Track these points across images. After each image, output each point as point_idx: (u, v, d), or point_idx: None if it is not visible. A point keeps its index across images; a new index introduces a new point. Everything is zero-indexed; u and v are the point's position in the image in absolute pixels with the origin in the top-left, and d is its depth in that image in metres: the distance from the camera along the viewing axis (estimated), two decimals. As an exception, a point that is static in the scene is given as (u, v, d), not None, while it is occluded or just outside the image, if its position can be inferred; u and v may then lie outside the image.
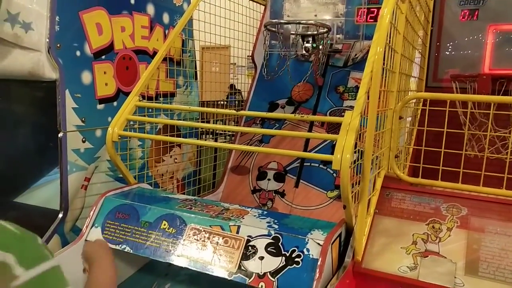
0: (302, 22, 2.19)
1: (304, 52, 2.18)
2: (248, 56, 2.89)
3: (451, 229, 1.42)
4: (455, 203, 1.49)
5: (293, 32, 2.23)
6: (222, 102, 3.43)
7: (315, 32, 2.15)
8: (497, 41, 2.54)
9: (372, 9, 2.40)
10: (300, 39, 2.21)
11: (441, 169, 1.56)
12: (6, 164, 2.17)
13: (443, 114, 1.60)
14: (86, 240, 1.55)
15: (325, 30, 2.17)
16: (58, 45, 1.71)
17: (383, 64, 1.40)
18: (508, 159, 1.51)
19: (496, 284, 1.25)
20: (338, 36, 2.35)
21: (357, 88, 2.36)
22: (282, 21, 2.29)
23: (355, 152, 1.32)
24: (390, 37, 1.51)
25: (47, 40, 1.68)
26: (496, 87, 2.35)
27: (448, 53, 2.74)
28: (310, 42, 2.16)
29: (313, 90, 2.45)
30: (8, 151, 2.17)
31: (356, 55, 2.39)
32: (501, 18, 2.53)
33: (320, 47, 2.20)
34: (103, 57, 1.92)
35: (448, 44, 2.73)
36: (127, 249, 1.48)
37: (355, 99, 2.33)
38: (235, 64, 3.03)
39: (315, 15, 2.36)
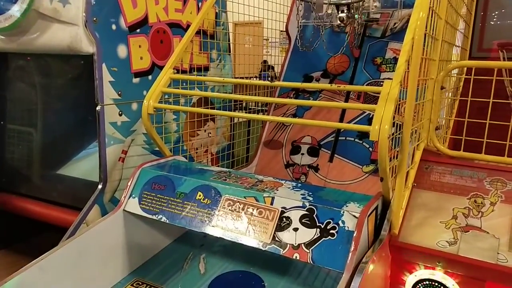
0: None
1: (339, 22, 2.10)
2: (282, 30, 2.83)
3: (495, 204, 1.36)
4: (499, 176, 1.42)
5: (327, 1, 2.14)
6: (255, 78, 3.40)
7: (350, 1, 2.06)
8: (550, 7, 2.37)
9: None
10: (335, 9, 2.12)
11: (485, 142, 1.48)
12: (48, 138, 2.25)
13: (486, 87, 1.51)
14: (124, 210, 1.59)
15: None
16: (95, 19, 1.73)
17: (425, 30, 1.33)
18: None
19: (543, 260, 1.19)
20: (375, 4, 2.24)
21: (395, 59, 2.27)
22: None
23: (393, 125, 1.27)
24: (433, 2, 1.42)
25: (84, 14, 1.70)
26: (548, 56, 2.19)
27: (495, 22, 2.57)
28: (345, 11, 2.07)
29: (349, 62, 2.38)
30: (50, 126, 2.25)
31: (395, 24, 2.29)
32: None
33: (356, 16, 2.12)
34: (138, 30, 1.93)
35: (495, 12, 2.56)
36: (164, 219, 1.51)
37: (393, 71, 2.25)
38: (268, 39, 2.98)
39: None
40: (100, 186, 1.82)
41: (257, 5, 2.53)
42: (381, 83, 2.21)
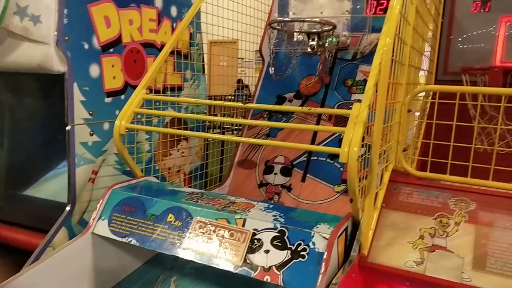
0: (306, 20, 2.14)
1: (309, 50, 2.14)
2: (256, 50, 2.87)
3: (459, 224, 1.40)
4: (463, 197, 1.47)
5: (298, 30, 2.18)
6: (229, 97, 3.42)
7: (320, 30, 2.11)
8: (510, 33, 2.49)
9: (381, 1, 2.37)
10: (306, 37, 2.17)
11: (450, 163, 1.53)
12: (15, 157, 2.19)
13: (452, 108, 1.58)
14: (93, 232, 1.56)
15: (330, 27, 2.13)
16: (67, 38, 1.72)
17: (392, 55, 1.38)
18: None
19: (504, 279, 1.23)
20: (344, 33, 2.31)
21: (365, 81, 2.33)
22: (286, 19, 2.26)
23: (362, 146, 1.30)
24: (399, 29, 1.48)
25: (56, 33, 1.69)
26: (508, 80, 2.31)
27: (458, 46, 2.69)
28: (316, 40, 2.11)
29: (321, 84, 2.43)
30: (17, 145, 2.19)
31: (365, 47, 2.37)
32: (514, 9, 2.48)
33: (326, 45, 2.17)
34: (111, 50, 1.92)
35: (459, 37, 2.68)
36: (133, 242, 1.49)
37: (363, 92, 2.31)
38: (243, 59, 3.02)
39: (321, 12, 2.31)
40: (68, 208, 1.78)
41: (231, 27, 2.57)
42: (352, 104, 2.27)
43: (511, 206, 1.40)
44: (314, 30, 2.09)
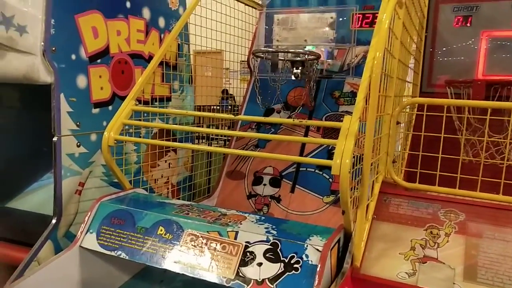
0: (290, 50, 2.13)
1: (293, 78, 2.13)
2: (241, 61, 2.88)
3: (449, 235, 1.42)
4: (452, 208, 1.49)
5: (282, 58, 2.16)
6: (215, 107, 3.41)
7: (304, 58, 2.10)
8: (490, 47, 2.57)
9: (367, 15, 2.41)
10: (290, 65, 2.15)
11: (438, 175, 1.56)
12: (-2, 168, 2.14)
13: (437, 120, 1.61)
14: (80, 246, 1.52)
15: (314, 57, 2.13)
16: (53, 48, 1.69)
17: (381, 69, 1.41)
18: (505, 165, 1.52)
19: (495, 290, 1.25)
20: (328, 61, 2.31)
21: (352, 93, 2.37)
22: (270, 49, 2.25)
23: (353, 158, 1.31)
24: (387, 42, 1.51)
25: (42, 43, 1.66)
26: (490, 93, 2.37)
27: (442, 59, 2.76)
28: (300, 68, 2.10)
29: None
30: (1, 156, 2.14)
31: (351, 60, 2.40)
32: (494, 24, 2.56)
33: (311, 73, 2.15)
34: (99, 61, 1.90)
35: (442, 50, 2.75)
36: (123, 255, 1.46)
37: (350, 104, 2.35)
38: (228, 69, 3.02)
39: (305, 40, 2.31)
40: (54, 221, 1.73)
41: (218, 38, 2.57)
42: (340, 116, 2.29)
43: (499, 217, 1.43)
44: (298, 59, 2.08)
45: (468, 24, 2.63)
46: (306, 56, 2.08)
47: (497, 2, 2.56)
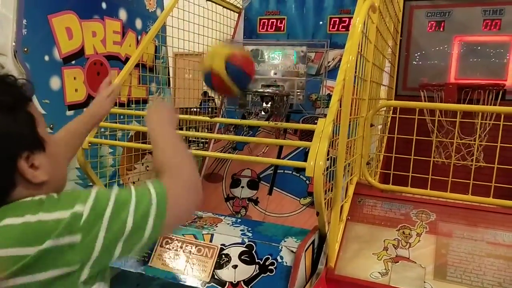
0: (258, 91, 2.07)
1: (263, 113, 2.06)
2: (222, 63, 2.88)
3: (421, 235, 1.45)
4: (424, 209, 1.52)
5: (252, 91, 2.11)
6: (195, 109, 3.40)
7: (274, 93, 2.06)
8: (462, 52, 2.65)
9: (343, 19, 2.45)
10: (260, 99, 2.09)
11: (411, 176, 1.59)
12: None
13: (411, 122, 1.64)
14: None
15: (284, 94, 2.10)
16: (26, 49, 1.66)
17: (355, 72, 1.43)
18: (473, 166, 1.57)
19: (464, 288, 1.28)
20: (299, 97, 2.22)
21: (329, 96, 2.39)
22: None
23: (327, 159, 1.33)
24: (361, 46, 1.54)
25: (14, 43, 1.63)
26: (462, 96, 2.44)
27: (416, 62, 2.82)
28: (270, 102, 2.04)
29: (286, 98, 2.46)
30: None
31: (328, 63, 2.43)
32: (466, 29, 2.64)
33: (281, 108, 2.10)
34: (73, 62, 1.87)
35: (416, 54, 2.81)
36: (97, 259, 1.44)
37: (327, 106, 2.36)
38: (208, 71, 3.01)
39: (275, 73, 2.30)
40: (26, 225, 1.70)
41: (197, 40, 2.56)
42: (316, 118, 2.30)
43: (468, 217, 1.47)
44: (267, 94, 2.03)
45: (441, 29, 2.70)
46: (275, 95, 2.04)
47: (468, 8, 2.64)
